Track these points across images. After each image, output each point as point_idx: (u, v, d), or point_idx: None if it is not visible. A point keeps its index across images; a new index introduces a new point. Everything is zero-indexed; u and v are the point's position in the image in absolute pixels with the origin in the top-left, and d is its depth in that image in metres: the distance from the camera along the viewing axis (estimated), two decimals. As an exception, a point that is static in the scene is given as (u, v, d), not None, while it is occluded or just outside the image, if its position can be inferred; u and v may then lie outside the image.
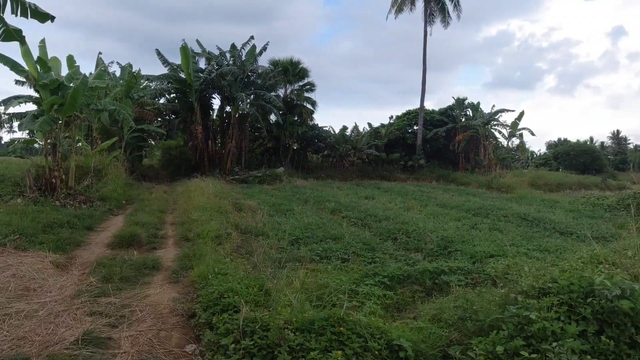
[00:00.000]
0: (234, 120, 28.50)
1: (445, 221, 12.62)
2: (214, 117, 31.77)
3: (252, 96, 28.61)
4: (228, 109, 30.16)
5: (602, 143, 69.14)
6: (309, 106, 33.77)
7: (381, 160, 35.76)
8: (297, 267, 7.36)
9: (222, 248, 8.15)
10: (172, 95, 30.06)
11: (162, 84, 28.03)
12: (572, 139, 62.39)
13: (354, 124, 39.45)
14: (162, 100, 29.89)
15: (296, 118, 32.84)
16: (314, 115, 34.68)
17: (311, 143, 34.45)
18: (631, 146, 69.01)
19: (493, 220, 13.45)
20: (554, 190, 29.29)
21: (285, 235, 9.96)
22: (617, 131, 74.72)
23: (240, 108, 27.98)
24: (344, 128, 36.69)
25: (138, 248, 8.86)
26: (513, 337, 3.78)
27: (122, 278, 6.65)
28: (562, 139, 64.97)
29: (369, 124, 39.52)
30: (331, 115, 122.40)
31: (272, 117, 31.72)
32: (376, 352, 3.76)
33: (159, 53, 28.38)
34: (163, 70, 28.50)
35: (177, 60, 27.53)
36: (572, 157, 48.12)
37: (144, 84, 27.97)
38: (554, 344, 3.52)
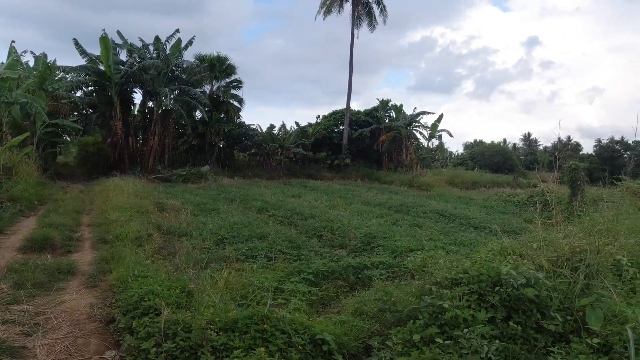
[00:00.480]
0: (156, 116, 27.50)
1: (368, 218, 13.00)
2: (135, 113, 30.44)
3: (176, 91, 27.74)
4: (150, 104, 29.04)
5: (515, 144, 74.21)
6: (235, 104, 33.30)
7: (308, 159, 36.08)
8: (222, 267, 7.30)
9: (143, 250, 7.88)
10: (90, 89, 28.42)
11: (80, 76, 26.38)
12: (487, 140, 66.65)
13: (282, 123, 39.53)
14: (79, 94, 28.16)
15: (222, 115, 32.24)
16: (241, 113, 34.36)
17: (238, 141, 34.03)
18: (541, 147, 74.43)
19: (413, 216, 14.06)
20: (469, 188, 31.01)
21: (209, 235, 9.83)
22: (528, 134, 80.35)
23: (163, 103, 27.03)
24: (272, 126, 36.59)
25: (52, 252, 8.34)
26: (428, 325, 4.01)
27: (35, 284, 6.24)
28: (478, 140, 68.95)
29: (297, 123, 39.75)
30: (259, 114, 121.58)
31: (198, 114, 30.95)
32: (300, 347, 3.85)
33: (76, 43, 26.72)
34: (81, 61, 26.86)
35: (96, 51, 26.13)
36: (487, 157, 51.17)
37: (60, 76, 26.19)
38: (465, 330, 3.79)
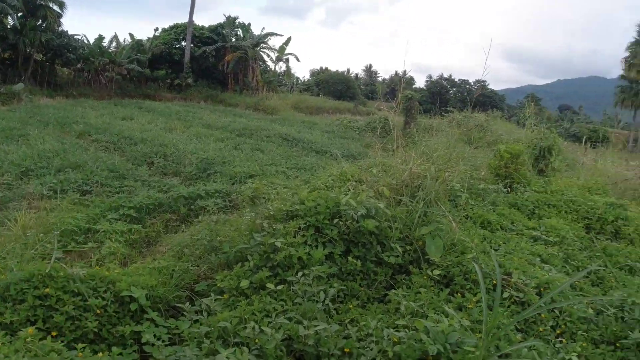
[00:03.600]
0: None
1: (208, 142, 12.14)
2: None
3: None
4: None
5: (357, 74, 77.68)
6: (55, 8, 28.08)
7: (145, 77, 32.79)
8: (22, 207, 6.01)
9: None
10: None
11: None
12: (333, 68, 68.63)
13: (114, 34, 34.62)
14: None
15: (40, 22, 27.18)
16: (64, 20, 29.20)
17: (59, 54, 29.05)
18: (380, 79, 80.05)
19: (256, 140, 13.54)
20: (314, 113, 31.64)
21: (11, 167, 8.14)
22: (370, 65, 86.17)
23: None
24: (101, 38, 31.95)
25: None
26: (259, 268, 3.50)
27: None
28: (324, 67, 70.16)
29: (131, 35, 35.38)
30: (87, 25, 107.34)
31: (10, 21, 25.62)
32: (99, 311, 3.03)
33: None
34: None
35: None
36: (331, 84, 52.87)
37: None
38: (299, 273, 3.33)
